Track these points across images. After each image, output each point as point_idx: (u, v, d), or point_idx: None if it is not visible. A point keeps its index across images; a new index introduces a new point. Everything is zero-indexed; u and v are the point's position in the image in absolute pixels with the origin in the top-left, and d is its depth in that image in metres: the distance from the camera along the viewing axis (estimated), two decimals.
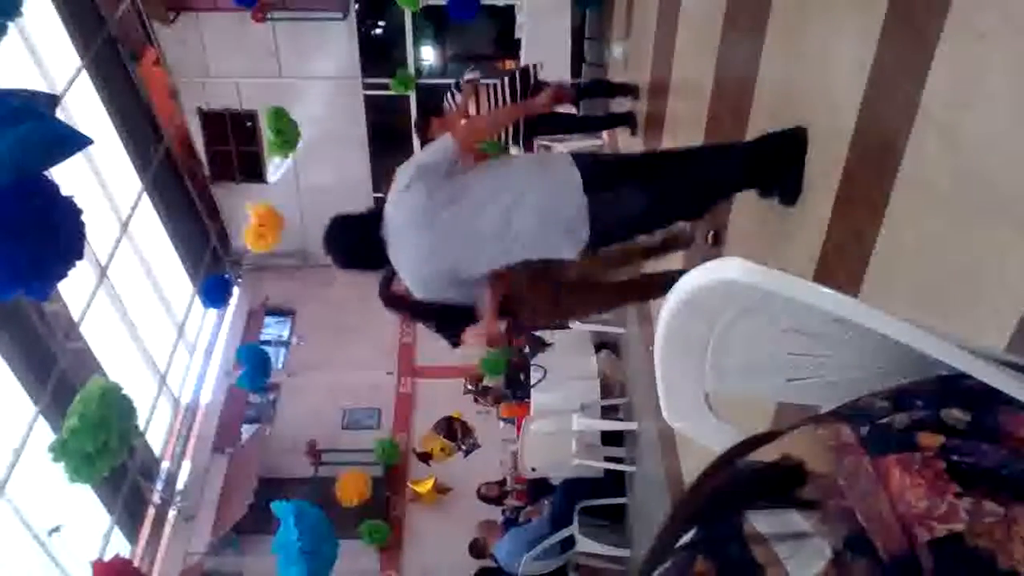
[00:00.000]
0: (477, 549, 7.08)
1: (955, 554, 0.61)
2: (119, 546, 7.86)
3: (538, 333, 7.67)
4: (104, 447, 4.36)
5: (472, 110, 5.40)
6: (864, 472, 0.67)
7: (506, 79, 5.54)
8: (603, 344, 7.29)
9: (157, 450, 9.19)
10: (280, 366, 10.74)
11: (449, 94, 5.49)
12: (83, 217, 3.21)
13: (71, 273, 3.26)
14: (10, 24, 3.93)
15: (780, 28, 3.09)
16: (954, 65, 1.95)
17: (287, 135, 7.23)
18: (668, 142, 4.98)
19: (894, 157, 2.16)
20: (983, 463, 0.66)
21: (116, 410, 4.43)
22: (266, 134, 7.31)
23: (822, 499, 0.66)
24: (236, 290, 10.95)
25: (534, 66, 5.67)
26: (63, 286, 3.41)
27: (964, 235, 1.94)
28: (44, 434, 6.59)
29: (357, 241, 2.93)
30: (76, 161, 3.32)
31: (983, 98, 1.87)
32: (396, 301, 3.25)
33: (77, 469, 4.37)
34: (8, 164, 2.89)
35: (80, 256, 3.27)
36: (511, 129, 5.58)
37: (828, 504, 0.66)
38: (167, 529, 8.97)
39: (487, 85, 5.54)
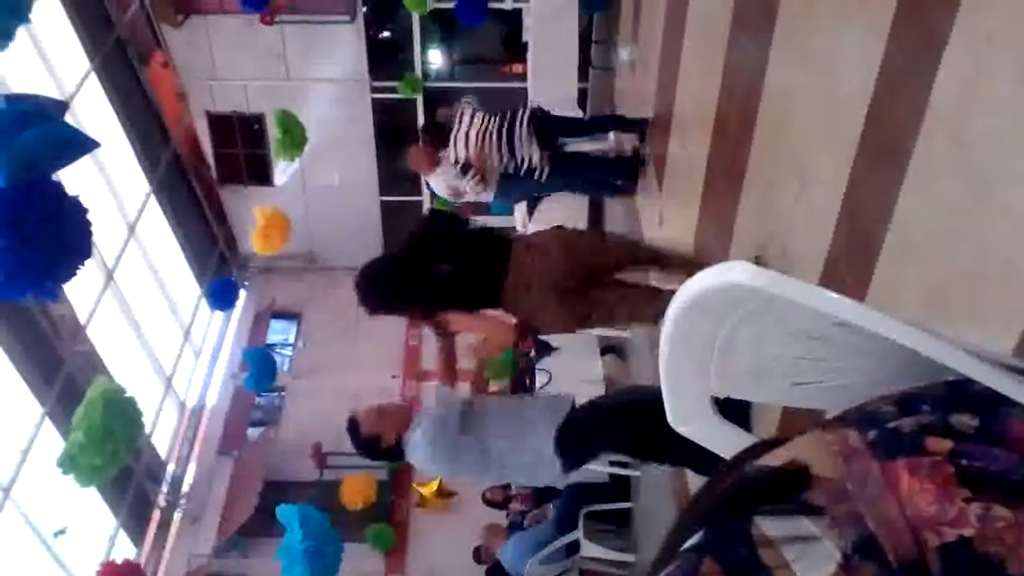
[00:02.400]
0: (480, 556, 7.08)
1: (965, 559, 0.60)
2: (124, 548, 7.88)
3: (544, 337, 7.68)
4: (112, 456, 4.36)
5: (469, 144, 5.52)
6: (873, 477, 0.67)
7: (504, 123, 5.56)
8: (609, 348, 7.29)
9: (163, 453, 9.21)
10: (286, 369, 10.76)
11: (458, 114, 5.58)
12: (89, 216, 3.23)
13: (79, 274, 3.28)
14: (20, 27, 3.94)
15: (788, 29, 3.09)
16: (963, 66, 1.95)
17: (294, 135, 7.25)
18: (675, 146, 4.98)
19: (902, 158, 2.16)
20: (993, 468, 0.66)
21: (121, 418, 4.41)
22: (273, 133, 7.33)
23: (830, 504, 0.66)
24: (243, 293, 10.99)
25: (537, 110, 5.71)
26: (70, 289, 3.44)
27: (972, 237, 1.93)
28: (50, 436, 6.62)
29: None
30: (84, 163, 3.35)
31: (992, 99, 1.86)
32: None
33: (86, 478, 4.39)
34: (17, 166, 2.90)
35: (88, 255, 3.29)
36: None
37: (836, 508, 0.65)
38: (172, 531, 8.99)
39: (485, 119, 5.59)
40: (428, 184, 6.16)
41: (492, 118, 5.59)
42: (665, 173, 5.20)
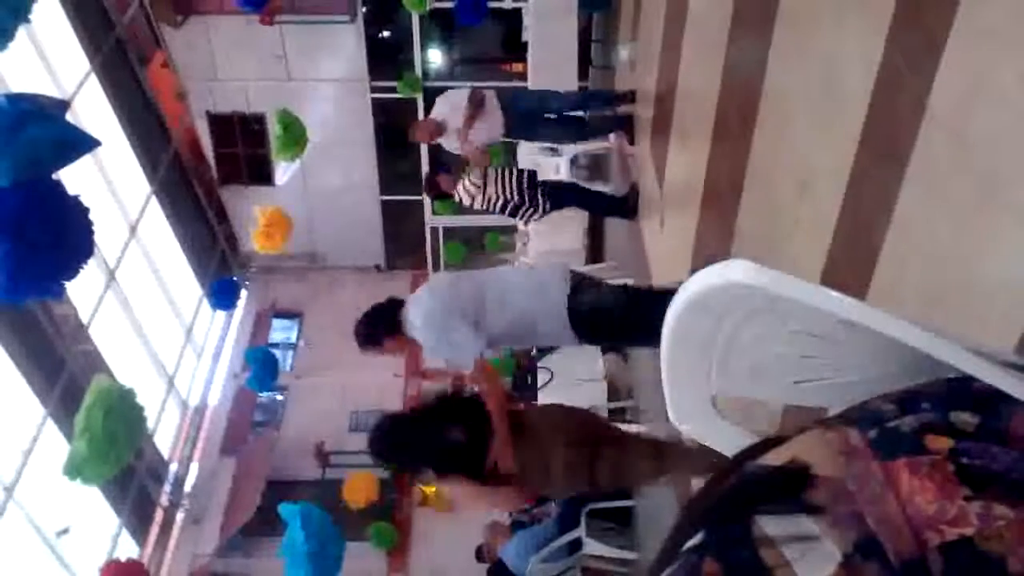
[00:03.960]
0: (482, 555, 7.07)
1: (965, 558, 0.61)
2: (127, 548, 7.88)
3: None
4: (117, 459, 4.36)
5: (479, 192, 5.73)
6: (873, 476, 0.67)
7: (514, 181, 5.78)
8: (610, 346, 7.28)
9: (165, 452, 9.22)
10: (288, 368, 10.76)
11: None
12: (91, 215, 3.23)
13: (82, 273, 3.28)
14: (20, 28, 3.94)
15: (787, 28, 3.08)
16: (963, 64, 1.94)
17: (295, 133, 7.24)
18: (675, 147, 4.98)
19: (902, 157, 2.15)
20: (993, 466, 0.66)
21: (123, 420, 4.36)
22: (275, 130, 7.32)
23: (831, 503, 0.66)
24: (244, 292, 10.99)
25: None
26: (72, 289, 3.45)
27: (973, 236, 1.93)
28: (53, 436, 6.62)
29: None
30: (85, 164, 3.35)
31: (992, 97, 1.86)
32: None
33: (91, 481, 4.41)
34: (20, 166, 2.90)
35: (91, 254, 3.30)
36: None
37: (837, 508, 0.66)
38: (175, 531, 8.99)
39: (497, 173, 5.79)
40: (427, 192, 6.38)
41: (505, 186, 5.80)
42: (665, 175, 5.19)
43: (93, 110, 7.95)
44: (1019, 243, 1.77)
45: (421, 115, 10.27)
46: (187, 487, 9.40)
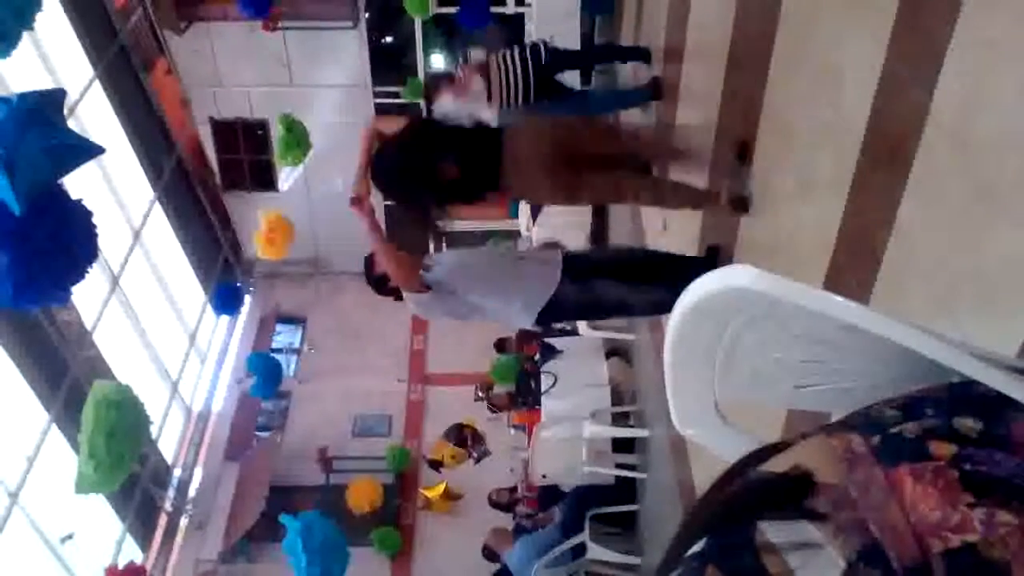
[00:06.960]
0: (490, 552, 7.06)
1: (969, 565, 0.60)
2: (131, 554, 7.88)
3: (549, 340, 7.68)
4: (125, 471, 4.36)
5: (479, 85, 5.43)
6: (876, 482, 0.66)
7: (516, 54, 5.45)
8: (614, 351, 7.29)
9: (169, 458, 9.22)
10: (291, 374, 10.76)
11: (458, 67, 5.61)
12: (94, 219, 3.24)
13: (86, 277, 3.29)
14: (23, 34, 3.95)
15: (789, 36, 3.08)
16: (964, 70, 1.94)
17: (297, 134, 7.26)
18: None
19: (904, 163, 2.15)
20: (997, 472, 0.65)
21: (128, 435, 4.32)
22: (277, 131, 7.33)
23: (834, 510, 0.66)
24: (248, 298, 11.01)
25: (544, 41, 5.64)
26: (76, 295, 3.45)
27: (975, 241, 1.93)
28: (57, 442, 6.63)
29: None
30: (89, 170, 3.37)
31: (994, 104, 1.86)
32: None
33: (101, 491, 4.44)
34: (29, 190, 2.90)
35: (95, 258, 3.31)
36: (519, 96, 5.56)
37: (840, 515, 0.65)
38: (179, 537, 8.99)
39: (497, 57, 5.48)
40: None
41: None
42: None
43: (97, 116, 7.98)
44: (1021, 248, 1.76)
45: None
46: (191, 493, 9.41)
